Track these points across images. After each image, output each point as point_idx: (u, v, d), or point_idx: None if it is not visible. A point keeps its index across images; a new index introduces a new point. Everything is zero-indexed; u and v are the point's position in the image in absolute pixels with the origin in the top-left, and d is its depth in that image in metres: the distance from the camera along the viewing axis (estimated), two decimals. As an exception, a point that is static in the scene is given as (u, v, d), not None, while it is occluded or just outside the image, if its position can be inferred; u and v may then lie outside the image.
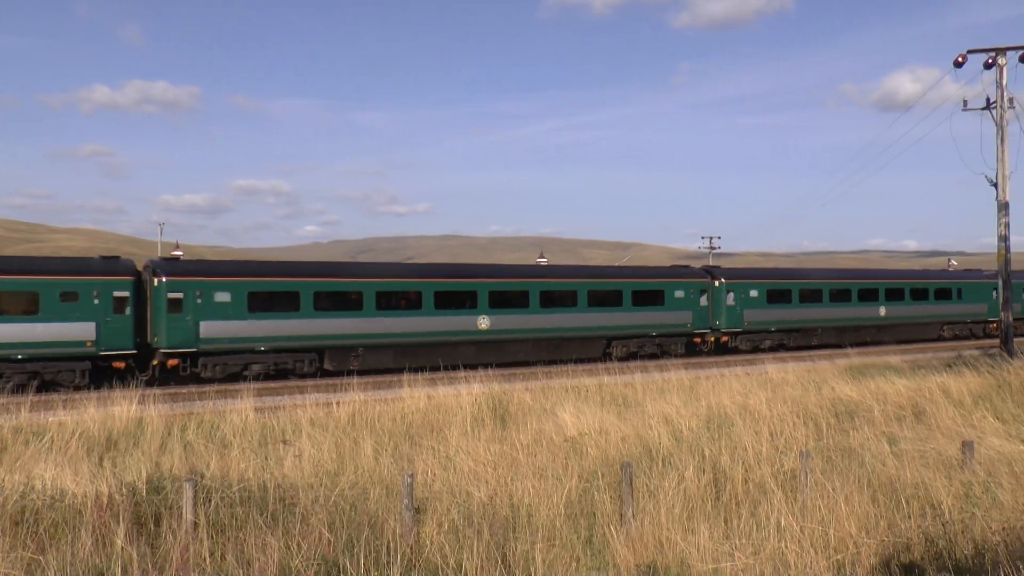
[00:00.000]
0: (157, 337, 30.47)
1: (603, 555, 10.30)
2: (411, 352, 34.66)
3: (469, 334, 36.05)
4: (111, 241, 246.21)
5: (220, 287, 31.31)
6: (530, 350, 36.99)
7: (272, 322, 31.95)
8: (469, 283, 36.71)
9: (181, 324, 30.34)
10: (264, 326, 31.76)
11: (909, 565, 9.46)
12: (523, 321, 37.26)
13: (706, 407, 19.62)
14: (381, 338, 34.05)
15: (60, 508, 10.65)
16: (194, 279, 30.98)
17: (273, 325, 31.94)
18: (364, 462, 14.49)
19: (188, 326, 30.45)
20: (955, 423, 17.52)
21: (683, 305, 41.94)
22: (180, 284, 30.58)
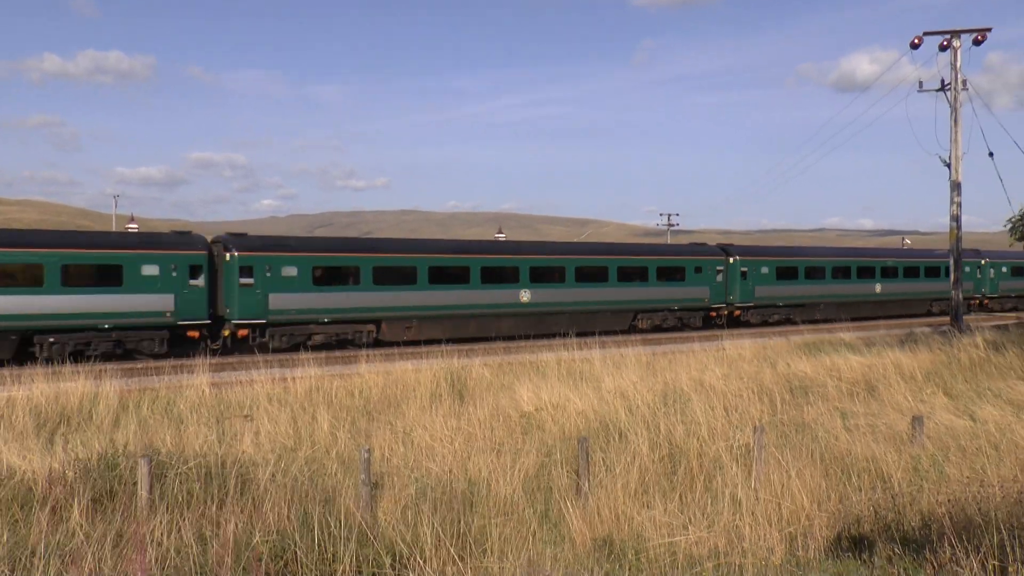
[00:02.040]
0: (229, 308, 31.85)
1: (559, 529, 10.38)
2: (461, 324, 36.66)
3: (512, 307, 38.08)
4: (63, 213, 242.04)
5: (287, 261, 32.89)
6: (566, 322, 38.02)
7: (334, 294, 33.73)
8: (512, 259, 38.87)
9: (251, 296, 31.83)
10: (327, 298, 33.45)
11: (859, 537, 9.64)
12: (560, 295, 39.52)
13: (662, 383, 19.79)
14: (433, 310, 35.94)
15: (10, 485, 10.51)
16: (263, 254, 32.57)
17: (335, 297, 33.71)
18: (321, 437, 14.47)
19: (258, 298, 31.92)
20: (906, 399, 17.84)
21: (702, 281, 44.15)
22: (250, 259, 32.08)
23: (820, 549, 9.59)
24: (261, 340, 32.13)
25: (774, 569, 9.01)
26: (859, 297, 50.79)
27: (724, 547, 9.53)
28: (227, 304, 31.87)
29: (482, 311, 37.16)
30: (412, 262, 35.83)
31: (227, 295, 31.87)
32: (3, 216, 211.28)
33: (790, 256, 49.18)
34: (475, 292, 37.02)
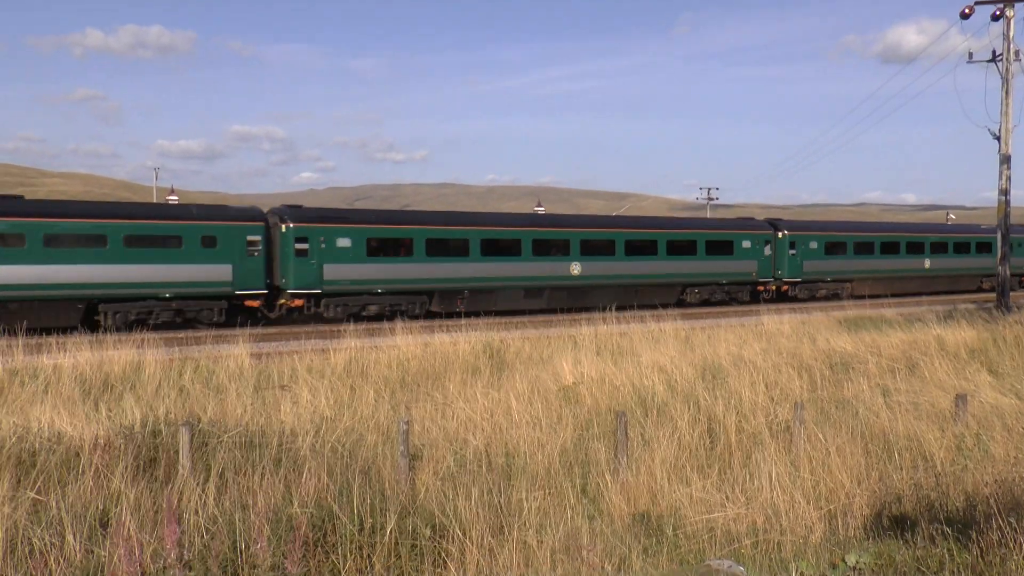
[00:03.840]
0: (284, 279, 32.74)
1: (597, 504, 10.37)
2: (512, 296, 37.63)
3: (562, 279, 38.76)
4: (106, 186, 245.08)
5: (342, 233, 33.66)
6: (615, 295, 38.83)
7: (388, 266, 34.92)
8: (563, 232, 39.53)
9: (307, 267, 32.71)
10: (381, 269, 34.54)
11: (900, 516, 9.54)
12: (610, 268, 40.22)
13: (701, 357, 19.68)
14: (485, 282, 36.72)
15: (59, 451, 10.68)
16: (318, 225, 33.40)
17: (389, 268, 34.87)
18: (361, 409, 14.54)
19: (313, 269, 32.80)
20: (949, 376, 17.58)
21: (750, 255, 44.68)
22: (306, 230, 32.87)
23: (860, 528, 9.51)
24: (315, 310, 33.09)
25: (813, 547, 8.96)
26: (908, 272, 50.57)
27: (762, 524, 9.48)
28: (283, 274, 32.70)
29: (533, 284, 37.93)
30: (465, 234, 36.56)
31: (283, 266, 32.66)
32: (48, 188, 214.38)
33: (839, 231, 49.09)
34: (526, 264, 37.69)
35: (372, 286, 33.97)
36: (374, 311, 34.01)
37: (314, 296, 32.99)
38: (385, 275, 34.43)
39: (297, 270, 32.45)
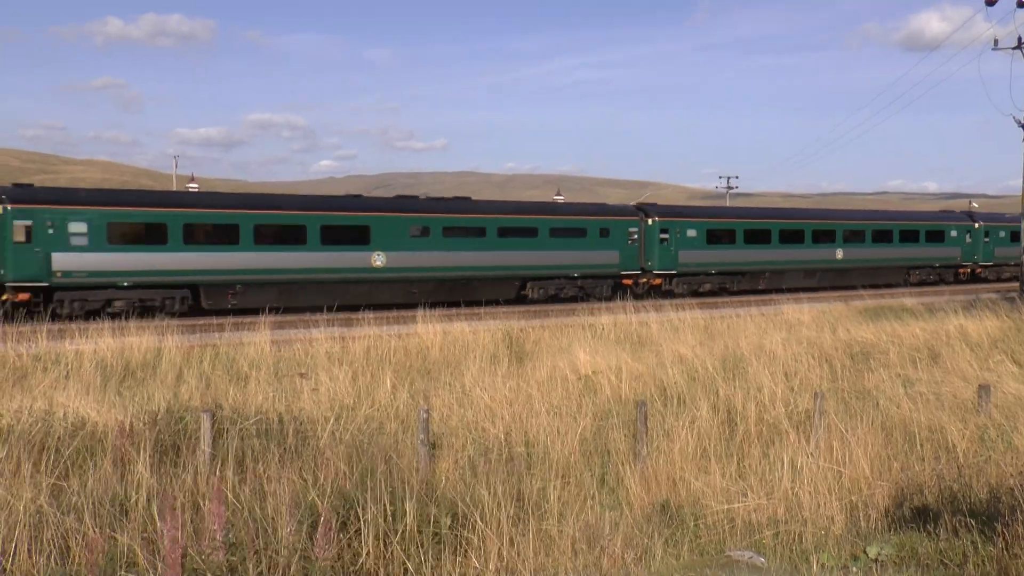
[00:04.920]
0: (650, 262, 40.80)
1: (617, 493, 10.36)
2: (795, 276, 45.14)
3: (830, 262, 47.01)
4: (126, 173, 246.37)
5: (689, 225, 42.02)
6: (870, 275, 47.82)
7: (719, 251, 43.18)
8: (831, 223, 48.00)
9: (667, 252, 40.96)
10: (715, 254, 42.93)
11: (922, 508, 9.48)
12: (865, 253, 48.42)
13: (722, 347, 19.62)
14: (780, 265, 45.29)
15: (81, 436, 10.76)
16: (675, 219, 41.79)
17: (721, 254, 43.28)
18: (381, 396, 14.56)
19: (671, 254, 40.96)
20: (971, 366, 17.44)
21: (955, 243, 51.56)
22: (665, 223, 41.21)
23: (882, 519, 9.46)
24: (668, 287, 41.22)
25: (834, 539, 8.92)
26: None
27: (783, 515, 9.44)
28: (648, 259, 40.65)
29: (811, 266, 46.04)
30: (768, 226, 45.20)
31: (648, 251, 40.66)
32: (69, 175, 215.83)
33: None
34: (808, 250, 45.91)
35: (708, 267, 42.62)
36: (708, 288, 42.25)
37: (670, 275, 41.34)
38: (718, 259, 43.03)
39: (660, 254, 40.74)
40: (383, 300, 33.70)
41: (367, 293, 33.78)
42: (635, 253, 40.50)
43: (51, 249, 28.60)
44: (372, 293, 33.97)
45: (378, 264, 33.96)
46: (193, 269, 30.94)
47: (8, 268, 28.21)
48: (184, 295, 31.11)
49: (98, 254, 29.36)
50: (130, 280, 29.84)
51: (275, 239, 32.80)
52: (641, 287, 40.83)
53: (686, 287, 41.96)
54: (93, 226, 29.41)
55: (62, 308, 28.89)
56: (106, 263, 29.45)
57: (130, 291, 30.01)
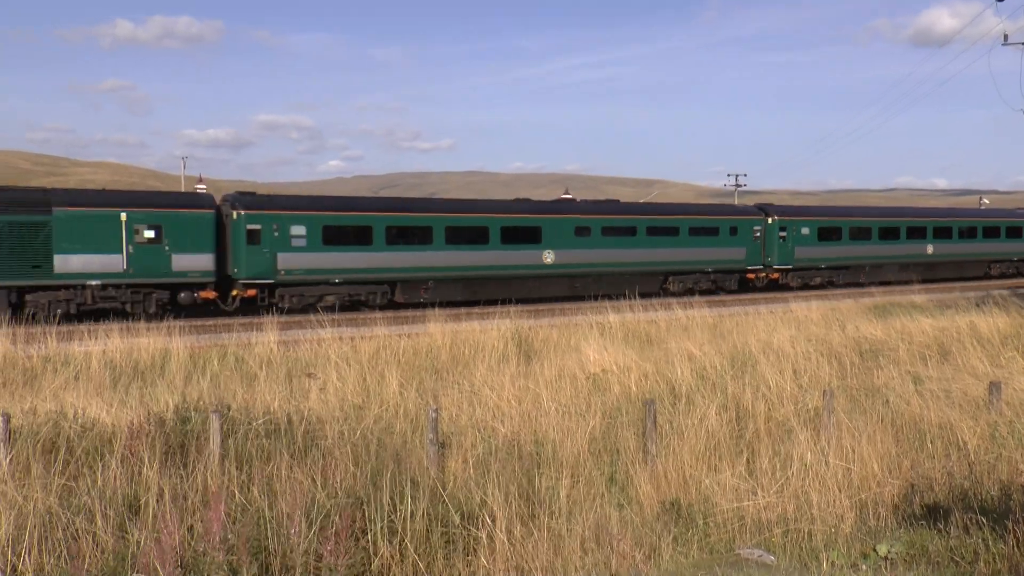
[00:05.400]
0: (770, 257, 43.62)
1: (627, 492, 10.33)
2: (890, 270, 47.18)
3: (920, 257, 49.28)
4: (135, 175, 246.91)
5: (805, 224, 44.86)
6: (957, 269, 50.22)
7: (831, 247, 45.58)
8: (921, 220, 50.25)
9: (785, 248, 43.83)
10: (826, 250, 45.29)
11: (933, 506, 9.44)
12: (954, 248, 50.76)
13: (730, 345, 19.57)
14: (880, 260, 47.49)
15: (90, 437, 10.77)
16: (791, 218, 44.41)
17: (832, 250, 45.64)
18: (389, 396, 14.56)
19: (789, 250, 44.05)
20: (982, 363, 17.37)
21: None
22: (784, 221, 44.01)
23: (892, 517, 9.42)
24: (785, 281, 44.17)
25: (844, 537, 8.89)
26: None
27: (793, 513, 9.42)
28: (768, 254, 43.47)
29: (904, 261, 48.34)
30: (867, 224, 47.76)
31: (769, 248, 43.51)
32: (78, 177, 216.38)
33: None
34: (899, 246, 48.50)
35: (819, 262, 45.27)
36: (818, 282, 45.13)
37: (787, 270, 44.13)
38: (829, 255, 45.64)
39: (779, 251, 43.60)
40: (551, 293, 37.28)
41: (538, 287, 37.16)
42: (759, 250, 43.99)
43: (276, 250, 31.68)
44: (542, 287, 37.30)
45: (548, 261, 37.25)
46: (393, 267, 34.16)
47: (241, 267, 31.23)
48: (384, 290, 34.23)
49: (315, 254, 32.51)
50: (341, 277, 32.99)
51: (462, 240, 35.71)
52: (761, 281, 44.37)
53: (800, 280, 45.39)
54: (311, 229, 32.51)
55: (283, 302, 31.95)
56: (321, 262, 32.60)
57: (340, 287, 33.22)
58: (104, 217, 29.36)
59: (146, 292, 29.98)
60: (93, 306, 29.01)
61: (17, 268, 28.02)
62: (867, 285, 44.08)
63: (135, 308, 29.45)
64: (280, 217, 32.01)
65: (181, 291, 30.47)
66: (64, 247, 28.54)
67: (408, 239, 34.64)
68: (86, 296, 29.10)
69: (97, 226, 29.12)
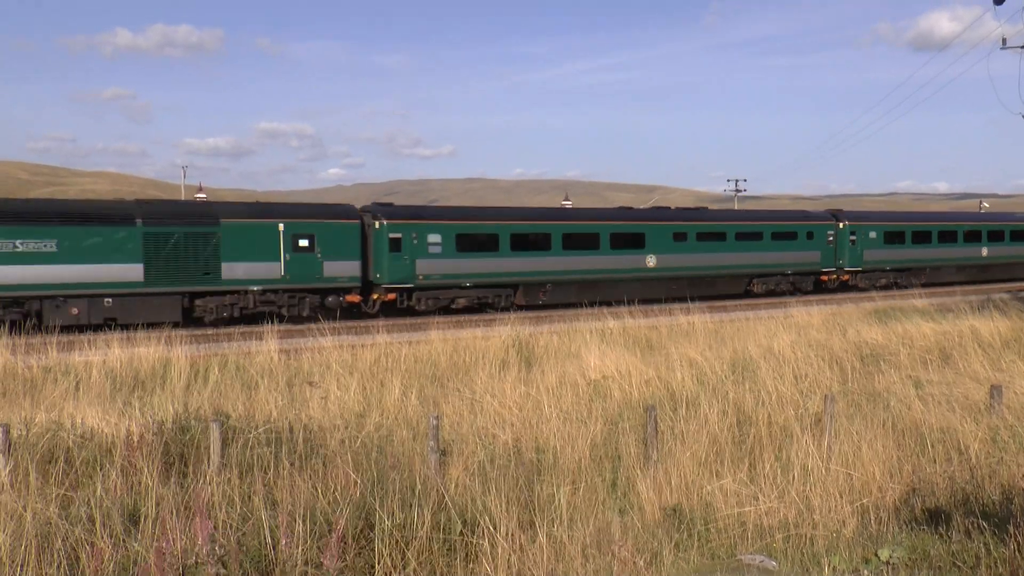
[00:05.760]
0: (841, 261, 46.07)
1: (628, 498, 10.32)
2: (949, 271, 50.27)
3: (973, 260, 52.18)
4: (135, 184, 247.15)
5: (871, 228, 47.29)
6: None
7: (895, 250, 48.26)
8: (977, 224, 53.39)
9: (855, 251, 46.48)
10: (891, 253, 48.05)
11: (934, 510, 9.43)
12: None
13: (731, 350, 19.56)
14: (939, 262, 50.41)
15: (90, 447, 10.76)
16: (859, 223, 47.04)
17: (896, 252, 48.27)
18: (390, 404, 14.55)
19: (858, 253, 46.47)
20: (983, 367, 17.37)
21: None
22: (854, 226, 46.57)
23: (893, 522, 9.41)
24: (854, 283, 46.54)
25: (846, 542, 8.88)
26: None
27: (794, 519, 9.40)
28: (839, 257, 45.95)
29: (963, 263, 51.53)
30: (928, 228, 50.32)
31: (840, 251, 45.91)
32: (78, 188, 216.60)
33: None
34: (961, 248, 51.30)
35: (884, 264, 47.78)
36: (883, 283, 47.21)
37: (856, 272, 46.59)
38: (894, 257, 48.46)
39: (850, 254, 46.08)
40: (652, 295, 39.07)
41: (641, 289, 39.19)
42: (832, 253, 46.49)
43: (415, 257, 34.43)
44: (644, 289, 39.44)
45: (650, 265, 40.16)
46: (517, 271, 36.89)
47: (383, 273, 34.00)
48: (508, 293, 36.85)
49: (449, 260, 35.21)
50: (471, 281, 35.69)
51: (576, 246, 38.48)
52: (834, 282, 46.66)
53: (867, 282, 47.39)
54: (446, 237, 35.19)
55: (420, 305, 34.64)
56: (454, 268, 35.34)
57: (470, 290, 35.86)
58: (265, 228, 31.91)
59: (300, 296, 32.48)
60: (254, 310, 31.52)
61: (190, 275, 30.45)
62: (928, 285, 46.23)
63: (291, 311, 32.08)
64: (419, 226, 34.75)
65: (329, 295, 33.04)
66: (230, 255, 30.98)
67: (530, 246, 37.28)
68: (248, 301, 31.52)
69: (259, 236, 31.70)
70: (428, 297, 34.83)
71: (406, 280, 34.24)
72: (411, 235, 34.36)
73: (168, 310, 29.90)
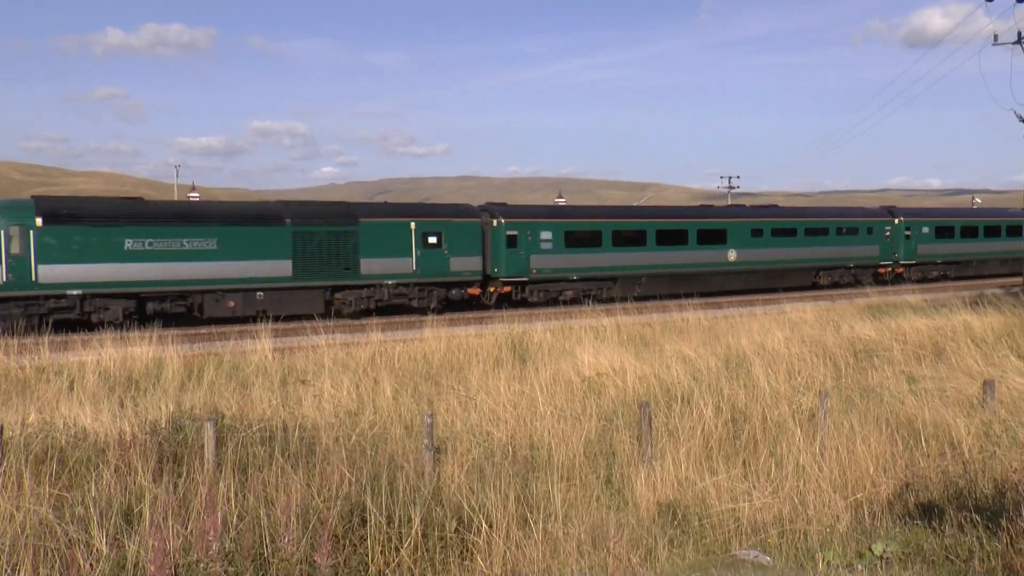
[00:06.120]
0: (896, 254, 48.82)
1: (623, 494, 10.33)
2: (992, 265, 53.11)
3: None
4: (127, 184, 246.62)
5: (925, 224, 50.15)
6: None
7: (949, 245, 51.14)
8: None
9: (910, 246, 49.04)
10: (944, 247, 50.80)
11: (928, 504, 9.46)
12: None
13: (724, 347, 19.58)
14: None
15: (83, 447, 10.74)
16: (912, 220, 49.67)
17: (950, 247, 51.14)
18: (384, 402, 14.55)
19: (912, 247, 49.27)
20: (976, 362, 17.40)
21: None
22: (908, 223, 49.31)
23: (887, 516, 9.43)
24: (908, 275, 48.83)
25: (840, 536, 8.90)
26: None
27: (788, 514, 9.43)
28: (893, 250, 48.55)
29: None
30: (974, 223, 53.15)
31: (895, 246, 48.65)
32: (70, 187, 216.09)
33: None
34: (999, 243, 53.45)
35: (936, 257, 50.38)
36: (935, 275, 49.91)
37: (911, 265, 49.21)
38: (944, 251, 50.86)
39: (905, 248, 48.80)
40: (733, 287, 42.25)
41: (723, 281, 42.41)
42: (888, 247, 49.10)
43: (529, 252, 37.07)
44: (725, 281, 42.58)
45: (732, 259, 42.89)
46: (617, 265, 39.53)
47: (501, 267, 36.52)
48: (609, 286, 39.21)
49: (559, 255, 37.90)
50: (577, 275, 38.32)
51: (668, 241, 41.06)
52: (889, 275, 48.81)
53: (920, 274, 49.91)
54: (556, 234, 37.88)
55: (532, 297, 37.38)
56: (564, 262, 38.00)
57: (576, 283, 38.41)
58: (399, 227, 34.34)
59: (429, 289, 34.91)
60: (388, 302, 33.91)
61: (333, 270, 32.83)
62: (975, 278, 50.50)
63: (420, 303, 34.26)
64: (533, 224, 37.41)
65: (453, 288, 35.47)
66: (368, 252, 33.34)
67: (628, 242, 39.91)
68: (383, 294, 33.82)
69: (393, 234, 34.16)
70: (539, 289, 37.48)
71: (521, 274, 36.81)
72: (526, 232, 36.91)
73: (313, 303, 32.15)
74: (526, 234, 37.03)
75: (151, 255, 29.75)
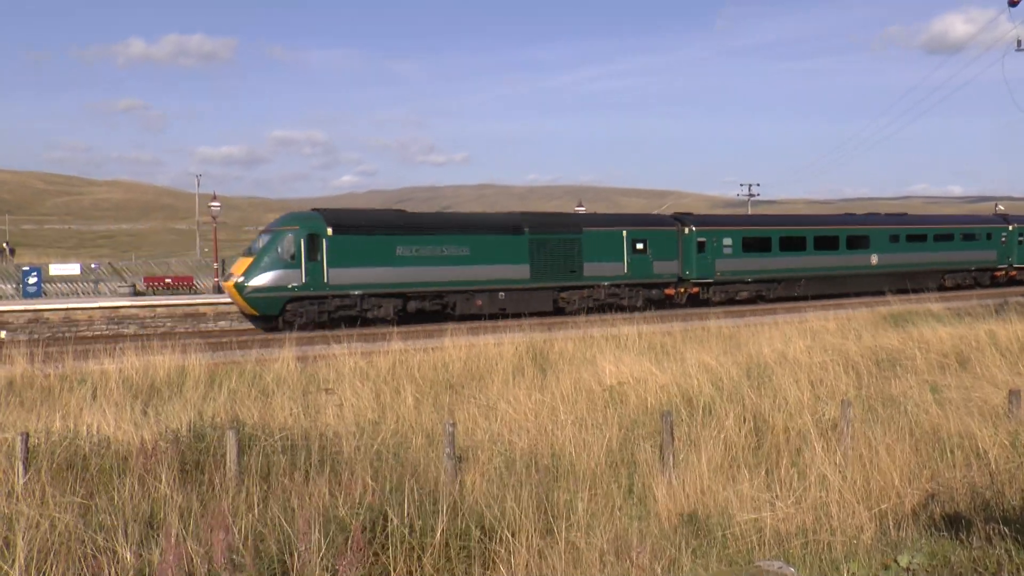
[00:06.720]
0: (1010, 259, 52.95)
1: (645, 504, 10.29)
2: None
3: None
4: (149, 192, 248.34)
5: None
6: None
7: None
8: None
9: (1009, 250, 53.08)
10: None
11: (954, 516, 9.36)
12: None
13: (746, 356, 19.50)
14: None
15: (106, 455, 10.80)
16: (1014, 226, 53.49)
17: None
18: (405, 411, 14.56)
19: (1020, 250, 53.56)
20: (1001, 372, 17.24)
21: None
22: (1021, 229, 53.72)
23: (912, 528, 9.34)
24: (1020, 278, 53.10)
25: (864, 548, 8.81)
26: None
27: (812, 524, 9.34)
28: (1008, 255, 52.87)
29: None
30: None
31: (1009, 250, 52.94)
32: (93, 196, 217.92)
33: None
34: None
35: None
36: None
37: (1020, 268, 52.88)
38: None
39: (1018, 252, 52.87)
40: (873, 288, 43.73)
41: (865, 283, 46.02)
42: (1004, 252, 53.40)
43: (715, 257, 42.32)
44: (868, 283, 45.86)
45: (874, 262, 47.88)
46: (782, 268, 44.50)
47: (692, 270, 41.82)
48: (774, 287, 44.12)
49: (738, 259, 43.13)
50: (752, 277, 43.45)
51: (824, 246, 46.20)
52: (1003, 278, 53.07)
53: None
54: (735, 241, 43.09)
55: (714, 296, 42.42)
56: (742, 265, 43.26)
57: (750, 284, 43.60)
58: (614, 235, 39.57)
59: (636, 290, 39.96)
60: (603, 301, 38.56)
61: (562, 273, 37.88)
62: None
63: (630, 302, 39.33)
64: (716, 232, 42.50)
65: (654, 289, 40.52)
66: (589, 257, 38.46)
67: (792, 247, 44.65)
68: (600, 293, 38.84)
69: (610, 241, 39.26)
70: (721, 290, 42.45)
71: (707, 276, 41.94)
72: (712, 239, 41.97)
73: (545, 301, 37.02)
74: (712, 240, 41.91)
75: (417, 260, 34.59)
